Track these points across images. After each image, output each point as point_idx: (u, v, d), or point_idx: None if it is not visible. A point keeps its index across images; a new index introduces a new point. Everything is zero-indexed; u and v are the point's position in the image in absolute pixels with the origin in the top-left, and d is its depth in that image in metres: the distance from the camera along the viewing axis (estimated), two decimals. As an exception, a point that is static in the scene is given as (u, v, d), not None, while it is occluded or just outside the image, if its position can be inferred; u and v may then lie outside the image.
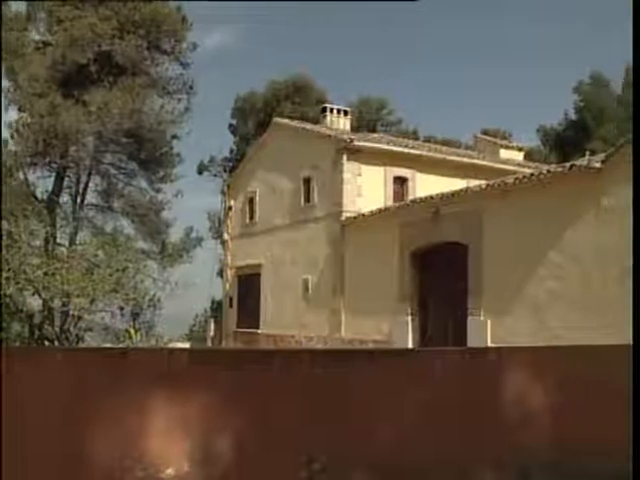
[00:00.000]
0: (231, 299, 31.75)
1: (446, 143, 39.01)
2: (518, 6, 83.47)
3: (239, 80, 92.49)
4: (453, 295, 18.96)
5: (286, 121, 30.81)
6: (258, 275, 28.97)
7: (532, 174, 17.39)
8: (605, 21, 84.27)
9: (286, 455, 6.34)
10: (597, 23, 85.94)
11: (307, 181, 26.20)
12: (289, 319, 26.00)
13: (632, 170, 11.65)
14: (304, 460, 6.32)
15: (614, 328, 13.77)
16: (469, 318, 18.11)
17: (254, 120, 45.00)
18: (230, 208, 32.43)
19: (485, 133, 43.04)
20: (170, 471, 5.76)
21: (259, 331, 28.31)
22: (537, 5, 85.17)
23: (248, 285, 29.71)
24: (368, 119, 49.06)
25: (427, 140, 42.49)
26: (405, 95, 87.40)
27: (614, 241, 14.47)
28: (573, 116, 48.08)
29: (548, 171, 17.04)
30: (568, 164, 16.64)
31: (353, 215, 23.41)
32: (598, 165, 14.90)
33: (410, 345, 19.76)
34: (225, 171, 40.47)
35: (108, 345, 20.52)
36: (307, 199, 26.19)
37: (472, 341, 17.54)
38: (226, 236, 32.80)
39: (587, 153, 17.36)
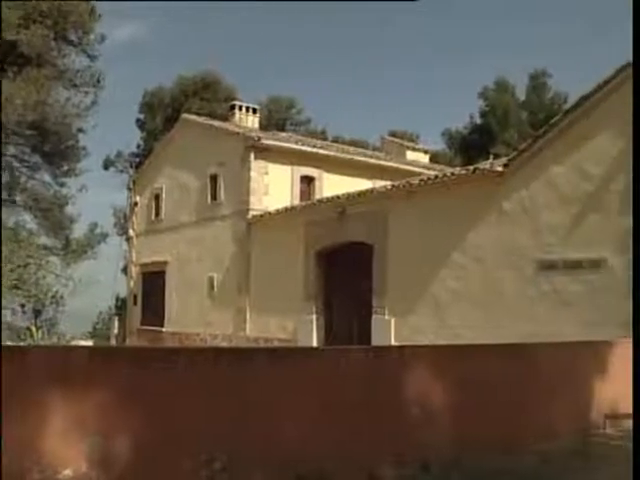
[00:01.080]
0: (135, 296, 31.30)
1: (354, 144, 39.31)
2: (431, 8, 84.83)
3: (148, 74, 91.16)
4: (358, 294, 19.15)
5: (194, 117, 30.53)
6: (163, 272, 28.63)
7: (436, 176, 17.74)
8: (513, 28, 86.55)
9: (187, 454, 6.29)
10: (505, 29, 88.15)
11: (214, 178, 26.04)
12: (194, 317, 25.79)
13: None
14: (204, 459, 6.29)
15: (510, 326, 14.28)
16: (373, 317, 18.33)
17: (162, 115, 44.43)
18: (136, 204, 31.93)
19: (393, 135, 43.63)
20: (68, 472, 5.64)
21: (164, 329, 27.99)
22: (449, 8, 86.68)
23: (153, 282, 29.32)
24: (277, 118, 49.08)
25: (335, 140, 42.78)
26: (315, 95, 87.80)
27: (514, 243, 14.93)
28: (478, 120, 49.13)
29: (452, 173, 17.42)
30: (472, 167, 17.06)
31: (259, 213, 23.41)
32: (500, 169, 15.30)
33: (315, 344, 19.86)
34: (131, 167, 39.91)
35: (8, 343, 19.93)
36: (214, 197, 26.04)
37: (376, 340, 17.75)
38: (131, 232, 32.30)
39: (491, 157, 17.81)
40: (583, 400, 10.16)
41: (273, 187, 24.29)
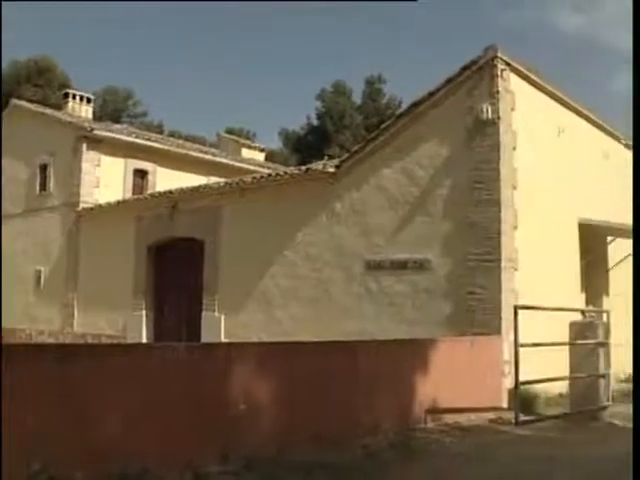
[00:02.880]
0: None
1: (191, 139, 38.96)
2: (274, 8, 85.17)
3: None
4: (189, 290, 18.97)
5: (25, 104, 29.17)
6: (-15, 266, 27.18)
7: (269, 174, 17.85)
8: (349, 37, 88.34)
9: (6, 455, 6.01)
10: (343, 38, 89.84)
11: (44, 168, 25.08)
12: (20, 312, 24.65)
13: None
14: (25, 459, 6.05)
15: (338, 324, 14.59)
16: (204, 314, 18.21)
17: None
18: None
19: (230, 132, 43.57)
20: None
21: (-17, 325, 26.56)
22: (296, 6, 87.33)
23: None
24: (113, 109, 47.94)
25: (172, 135, 42.26)
26: (152, 89, 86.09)
27: (344, 243, 15.24)
28: (315, 121, 49.91)
29: (285, 172, 17.57)
30: (304, 167, 17.26)
31: (90, 206, 22.76)
32: (332, 170, 15.56)
33: (144, 340, 19.54)
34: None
35: None
36: (43, 187, 25.09)
37: (206, 336, 17.65)
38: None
39: (325, 157, 18.11)
40: (406, 396, 10.46)
41: (105, 179, 23.73)
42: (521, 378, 10.94)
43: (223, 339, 17.11)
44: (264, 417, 8.33)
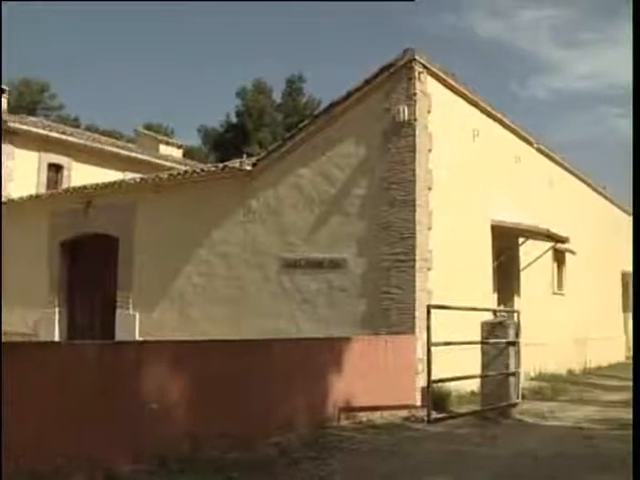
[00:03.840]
0: None
1: (108, 134, 38.31)
2: (195, 5, 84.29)
3: None
4: (103, 288, 18.67)
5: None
6: None
7: (186, 171, 17.71)
8: (270, 36, 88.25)
9: None
10: (264, 36, 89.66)
11: (-48, 161, 24.23)
12: None
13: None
14: None
15: (253, 322, 14.55)
16: (118, 311, 17.94)
17: None
18: None
19: (149, 128, 43.03)
20: None
21: None
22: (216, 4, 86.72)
23: None
24: (29, 101, 46.78)
25: (88, 129, 41.47)
26: (70, 82, 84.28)
27: (260, 241, 15.21)
28: (234, 119, 49.68)
29: (202, 170, 17.44)
30: (222, 164, 17.17)
31: (3, 200, 22.14)
32: (249, 168, 15.51)
33: (57, 338, 19.13)
34: None
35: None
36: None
37: (120, 334, 17.39)
38: None
39: (244, 155, 18.03)
40: (319, 394, 10.50)
41: (19, 173, 23.13)
42: (435, 376, 11.13)
43: (138, 338, 16.88)
44: (178, 415, 8.26)
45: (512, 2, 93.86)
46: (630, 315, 32.36)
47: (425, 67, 13.86)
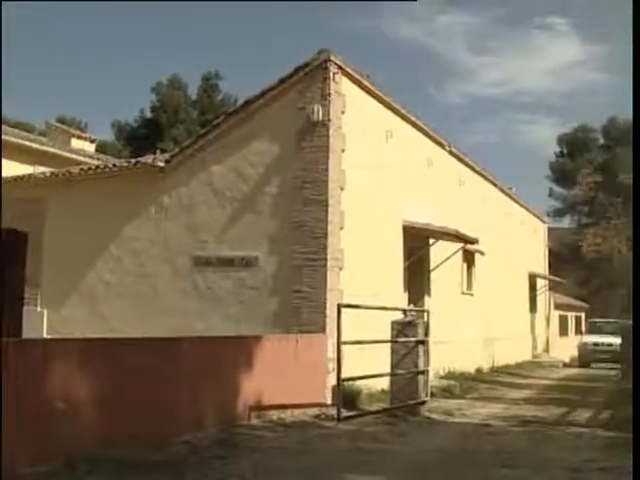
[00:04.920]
0: None
1: (18, 126, 37.21)
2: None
3: None
4: (10, 284, 18.07)
5: None
6: None
7: (98, 166, 17.41)
8: (187, 31, 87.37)
9: None
10: (180, 31, 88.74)
11: None
12: None
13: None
14: None
15: (164, 320, 14.39)
16: (25, 308, 17.40)
17: None
18: None
19: (61, 121, 42.02)
20: None
21: None
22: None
23: None
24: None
25: (-4, 121, 40.20)
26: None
27: (172, 238, 15.06)
28: (149, 114, 49.08)
29: (114, 165, 17.17)
30: (134, 160, 16.94)
31: None
32: (162, 164, 15.34)
33: (-42, 336, 18.50)
34: None
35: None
36: None
37: (28, 332, 16.85)
38: None
39: (158, 151, 17.81)
40: (230, 393, 10.48)
41: None
42: (345, 375, 11.21)
43: (45, 335, 16.48)
44: (87, 415, 8.10)
45: (430, 7, 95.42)
46: (536, 315, 33.34)
47: (340, 68, 13.97)
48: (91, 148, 32.81)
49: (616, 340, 24.31)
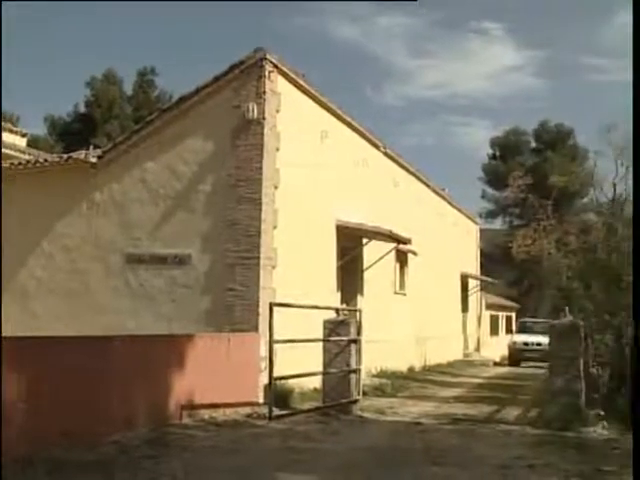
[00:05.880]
0: None
1: (-55, 119, 36.24)
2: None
3: None
4: None
5: None
6: None
7: (29, 161, 17.05)
8: (122, 26, 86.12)
9: None
10: (115, 26, 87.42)
11: None
12: None
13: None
14: None
15: (97, 318, 14.19)
16: (-48, 306, 17.02)
17: None
18: None
19: (-9, 114, 41.04)
20: None
21: None
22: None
23: None
24: None
25: None
26: None
27: (104, 235, 14.86)
28: (83, 109, 48.32)
29: (46, 160, 16.86)
30: (66, 155, 16.66)
31: None
32: (94, 160, 15.12)
33: None
34: None
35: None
36: None
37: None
38: None
39: (91, 147, 17.55)
40: (161, 392, 10.41)
41: None
42: (278, 374, 11.21)
43: (-28, 333, 16.10)
44: (14, 415, 7.94)
45: (369, 8, 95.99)
46: (468, 315, 33.84)
47: (276, 66, 13.99)
48: (22, 142, 32.12)
49: (545, 339, 24.80)
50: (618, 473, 7.94)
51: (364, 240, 18.40)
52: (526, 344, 31.98)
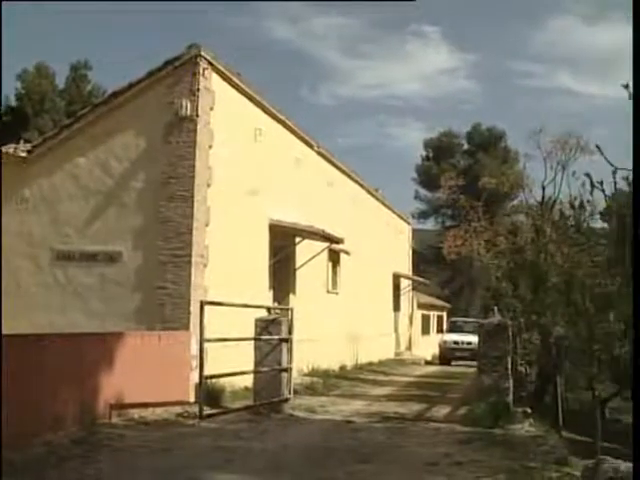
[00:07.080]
0: None
1: None
2: None
3: None
4: None
5: None
6: None
7: (-45, 155, 16.62)
8: (55, 19, 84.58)
9: None
10: (48, 19, 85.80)
11: None
12: None
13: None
14: None
15: (26, 316, 13.91)
16: None
17: None
18: None
19: None
20: None
21: None
22: None
23: None
24: None
25: None
26: None
27: (33, 231, 14.57)
28: (13, 102, 47.36)
29: (-27, 154, 16.45)
30: (-5, 150, 16.29)
31: None
32: (24, 154, 14.84)
33: None
34: None
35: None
36: None
37: None
38: None
39: (21, 141, 17.20)
40: (90, 391, 10.28)
41: None
42: (210, 372, 11.17)
43: None
44: None
45: (306, 8, 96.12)
46: (400, 314, 34.19)
47: (210, 64, 13.93)
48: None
49: (475, 338, 25.27)
50: (542, 469, 8.13)
51: (297, 239, 18.45)
52: (456, 343, 32.51)
